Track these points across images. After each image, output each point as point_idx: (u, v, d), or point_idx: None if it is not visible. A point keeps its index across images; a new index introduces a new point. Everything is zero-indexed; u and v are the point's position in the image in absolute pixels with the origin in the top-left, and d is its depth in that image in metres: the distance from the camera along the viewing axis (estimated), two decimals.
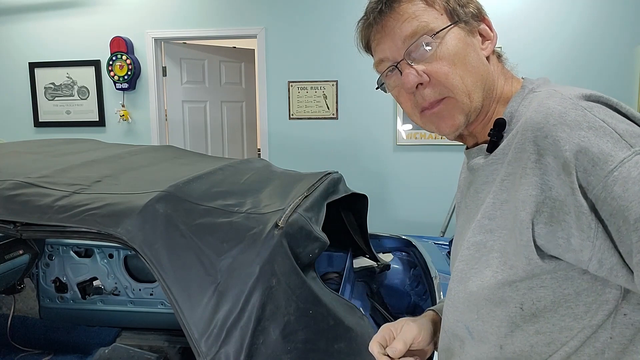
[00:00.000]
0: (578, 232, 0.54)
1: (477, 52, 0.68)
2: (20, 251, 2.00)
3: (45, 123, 4.15)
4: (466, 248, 0.66)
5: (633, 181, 0.50)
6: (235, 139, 4.51)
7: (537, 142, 0.57)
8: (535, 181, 0.56)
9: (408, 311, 1.79)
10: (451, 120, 0.69)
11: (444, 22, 0.67)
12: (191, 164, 1.64)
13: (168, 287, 0.97)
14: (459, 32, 0.67)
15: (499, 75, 0.71)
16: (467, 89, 0.67)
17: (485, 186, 0.67)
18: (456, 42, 0.67)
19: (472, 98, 0.67)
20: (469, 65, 0.67)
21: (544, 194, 0.56)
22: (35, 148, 1.77)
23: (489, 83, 0.69)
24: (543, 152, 0.56)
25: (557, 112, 0.56)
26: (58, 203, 1.10)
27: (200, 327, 0.94)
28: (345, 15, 3.60)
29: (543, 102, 0.59)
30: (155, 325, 2.13)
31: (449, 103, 0.68)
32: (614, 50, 3.33)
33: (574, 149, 0.53)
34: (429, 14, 0.67)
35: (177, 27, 3.86)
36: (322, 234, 1.20)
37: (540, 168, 0.56)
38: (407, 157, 3.69)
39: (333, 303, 1.11)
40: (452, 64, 0.66)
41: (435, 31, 0.66)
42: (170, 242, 1.02)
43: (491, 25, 0.71)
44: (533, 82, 0.69)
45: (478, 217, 0.65)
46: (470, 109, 0.68)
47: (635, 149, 0.52)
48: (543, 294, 0.59)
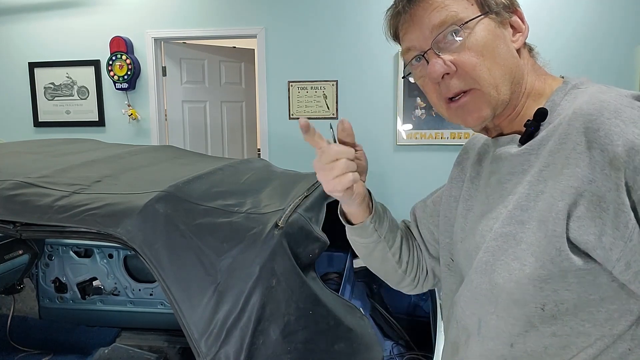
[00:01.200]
0: (612, 230, 0.53)
1: (507, 44, 0.67)
2: (19, 251, 1.99)
3: (45, 123, 4.15)
4: (493, 239, 0.64)
5: None
6: (235, 139, 4.51)
7: (587, 133, 0.56)
8: (578, 172, 0.56)
9: (408, 311, 1.79)
10: (477, 113, 0.67)
11: (474, 12, 0.66)
12: (191, 164, 1.64)
13: (168, 287, 0.97)
14: (489, 23, 0.66)
15: (529, 70, 0.70)
16: (495, 81, 0.65)
17: (512, 177, 0.65)
18: (485, 33, 0.65)
19: (499, 90, 0.66)
20: (498, 57, 0.65)
21: (584, 186, 0.55)
22: (35, 148, 1.76)
23: (518, 76, 0.68)
24: (591, 145, 0.55)
25: (613, 107, 0.55)
26: (58, 203, 1.10)
27: (200, 327, 0.94)
28: (345, 15, 3.60)
29: (597, 96, 0.58)
30: (155, 325, 2.13)
31: (475, 95, 0.66)
32: (614, 50, 3.33)
33: (627, 145, 0.52)
34: (459, 3, 0.66)
35: (177, 27, 3.85)
36: (322, 234, 1.20)
37: (585, 160, 0.55)
38: (407, 157, 3.69)
39: (333, 303, 1.11)
40: (480, 55, 0.65)
41: (465, 21, 0.64)
42: (170, 242, 1.02)
43: (523, 17, 0.69)
44: (575, 79, 0.67)
45: (510, 208, 0.63)
46: (497, 102, 0.66)
47: None
48: (567, 297, 0.58)
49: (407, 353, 1.54)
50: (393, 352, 1.55)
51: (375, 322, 1.63)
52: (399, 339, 1.61)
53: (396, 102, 3.62)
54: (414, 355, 1.51)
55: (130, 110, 3.93)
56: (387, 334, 1.63)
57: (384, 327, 1.63)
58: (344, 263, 1.65)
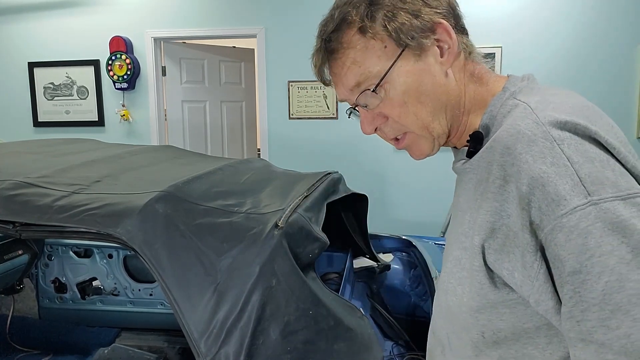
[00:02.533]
0: (522, 268, 0.53)
1: (433, 74, 0.63)
2: (19, 251, 1.99)
3: (44, 123, 4.15)
4: (449, 260, 0.65)
5: (578, 233, 0.48)
6: (235, 139, 4.51)
7: (504, 167, 0.54)
8: (495, 207, 0.55)
9: (408, 311, 1.79)
10: (418, 151, 0.70)
11: (389, 56, 0.62)
12: (191, 164, 1.64)
13: (168, 287, 0.97)
14: (407, 62, 0.62)
15: (467, 82, 0.66)
16: (424, 123, 0.65)
17: (465, 192, 0.66)
18: (404, 78, 0.62)
19: (431, 129, 0.66)
20: (423, 97, 0.63)
21: (501, 221, 0.54)
22: (34, 148, 1.76)
23: (452, 102, 0.65)
24: (508, 179, 0.54)
25: (526, 139, 0.53)
26: (57, 203, 1.10)
27: (199, 328, 0.94)
28: None
29: (516, 123, 0.55)
30: (155, 325, 2.13)
31: (411, 137, 0.68)
32: (614, 50, 3.33)
33: (532, 183, 0.50)
34: (370, 53, 0.62)
35: (177, 27, 3.85)
36: (322, 234, 1.20)
37: (502, 194, 0.54)
38: (407, 158, 3.67)
39: (333, 303, 1.10)
40: (403, 103, 0.64)
41: (379, 78, 0.62)
42: (170, 242, 1.02)
43: (449, 29, 0.62)
44: (516, 84, 0.64)
45: (460, 231, 0.63)
46: (434, 137, 0.67)
47: (592, 199, 0.48)
48: (502, 326, 0.58)
49: (407, 353, 1.54)
50: (393, 352, 1.55)
51: (375, 322, 1.63)
52: (399, 339, 1.61)
53: None
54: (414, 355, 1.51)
55: (122, 111, 3.93)
56: (387, 334, 1.63)
57: (384, 327, 1.63)
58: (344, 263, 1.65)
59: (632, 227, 0.47)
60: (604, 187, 0.48)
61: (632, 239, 0.47)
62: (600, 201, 0.48)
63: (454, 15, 0.64)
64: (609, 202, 0.47)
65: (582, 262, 0.48)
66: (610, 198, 0.48)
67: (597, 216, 0.47)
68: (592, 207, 0.48)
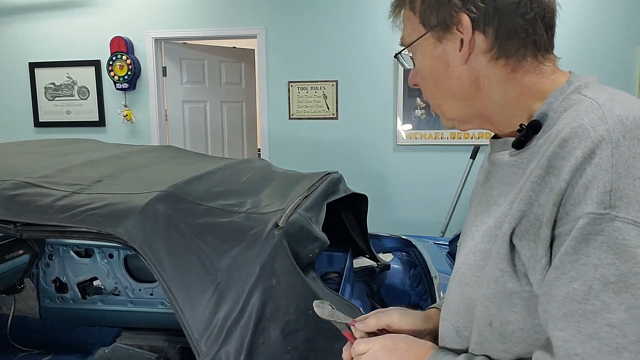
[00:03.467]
0: (533, 260, 0.54)
1: (447, 64, 0.65)
2: (20, 251, 2.00)
3: (45, 123, 4.15)
4: (472, 253, 0.64)
5: (576, 235, 0.48)
6: (235, 139, 4.51)
7: (552, 158, 0.53)
8: (530, 196, 0.55)
9: None
10: (443, 121, 0.72)
11: (418, 31, 0.67)
12: (191, 164, 1.64)
13: (168, 287, 0.97)
14: (428, 44, 0.66)
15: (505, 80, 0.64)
16: (436, 101, 0.70)
17: (500, 186, 0.64)
18: (422, 57, 0.68)
19: (443, 109, 0.70)
20: (436, 80, 0.67)
21: (531, 209, 0.54)
22: (35, 148, 1.77)
23: (466, 94, 0.65)
24: (551, 171, 0.53)
25: (585, 134, 0.51)
26: (58, 203, 1.10)
27: (200, 327, 0.94)
28: (345, 15, 3.60)
29: (580, 117, 0.54)
30: (155, 325, 2.13)
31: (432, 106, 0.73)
32: (614, 50, 3.34)
33: (571, 180, 0.50)
34: (409, 23, 0.68)
35: (177, 27, 3.86)
36: (322, 233, 1.20)
37: (540, 184, 0.54)
38: (407, 157, 3.69)
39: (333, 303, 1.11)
40: (422, 78, 0.69)
41: (407, 45, 0.69)
42: (171, 242, 1.02)
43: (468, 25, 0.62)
44: (581, 79, 0.61)
45: (490, 224, 0.62)
46: (448, 117, 0.70)
47: (611, 213, 0.47)
48: (513, 318, 0.58)
49: None
50: None
51: None
52: None
53: (396, 102, 3.62)
54: None
55: (125, 111, 3.93)
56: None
57: None
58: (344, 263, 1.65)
59: (632, 255, 0.46)
60: (629, 208, 0.47)
61: (625, 266, 0.46)
62: (617, 218, 0.47)
63: (498, 14, 0.61)
64: (625, 222, 0.46)
65: (564, 262, 0.49)
66: (628, 220, 0.46)
67: (603, 229, 0.47)
68: (605, 220, 0.47)
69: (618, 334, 0.46)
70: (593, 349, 0.47)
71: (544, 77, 0.63)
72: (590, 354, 0.47)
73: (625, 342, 0.46)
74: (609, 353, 0.46)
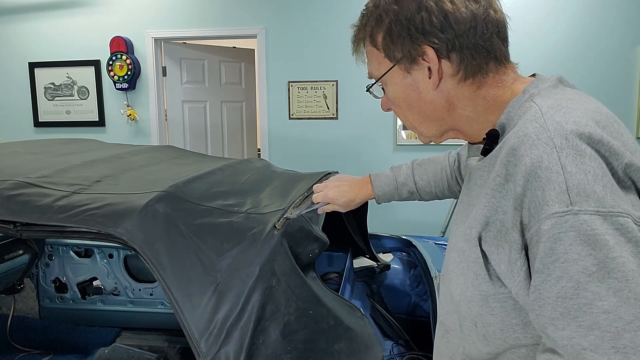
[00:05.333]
0: (508, 263, 0.57)
1: (419, 91, 0.69)
2: (20, 251, 1.99)
3: (45, 123, 4.15)
4: (454, 250, 0.68)
5: (549, 237, 0.51)
6: (235, 139, 4.51)
7: (507, 166, 0.57)
8: (492, 203, 0.59)
9: (408, 311, 1.79)
10: (420, 137, 0.77)
11: (385, 65, 0.71)
12: (191, 164, 1.64)
13: (168, 287, 0.97)
14: (397, 75, 0.70)
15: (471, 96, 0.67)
16: (412, 124, 0.74)
17: (475, 188, 0.69)
18: (394, 87, 0.72)
19: (419, 130, 0.74)
20: (410, 106, 0.71)
21: (496, 216, 0.58)
22: (35, 148, 1.77)
23: (440, 114, 0.70)
24: (509, 178, 0.57)
25: (530, 142, 0.55)
26: (58, 203, 1.10)
27: (200, 327, 0.94)
28: (345, 15, 3.60)
29: (525, 126, 0.58)
30: (155, 325, 2.13)
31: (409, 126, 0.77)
32: (614, 50, 3.33)
33: (526, 185, 0.53)
34: (374, 58, 0.73)
35: (177, 27, 3.86)
36: (322, 233, 1.20)
37: (501, 192, 0.58)
38: (407, 157, 3.67)
39: (333, 303, 1.11)
40: (396, 105, 0.74)
41: (377, 78, 0.73)
42: (170, 242, 1.02)
43: (433, 57, 0.65)
44: (537, 86, 0.65)
45: (466, 224, 0.66)
46: (425, 135, 0.75)
47: (573, 208, 0.50)
48: (492, 320, 0.61)
49: (407, 353, 1.54)
50: (393, 352, 1.55)
51: (375, 322, 1.63)
52: (399, 339, 1.61)
53: None
54: (414, 355, 1.51)
55: (129, 111, 3.93)
56: (387, 334, 1.63)
57: (384, 327, 1.64)
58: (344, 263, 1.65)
59: (603, 243, 0.49)
60: (588, 200, 0.50)
61: (600, 254, 0.49)
62: (580, 212, 0.49)
63: (460, 37, 0.64)
64: (588, 214, 0.49)
65: (546, 264, 0.52)
66: (590, 211, 0.49)
67: (572, 225, 0.50)
68: (570, 216, 0.50)
69: (614, 318, 0.48)
70: (597, 339, 0.49)
71: (505, 89, 0.67)
72: (596, 344, 0.49)
73: (622, 323, 0.48)
74: (611, 339, 0.48)
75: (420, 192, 1.08)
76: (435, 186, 1.07)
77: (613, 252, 0.48)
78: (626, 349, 0.48)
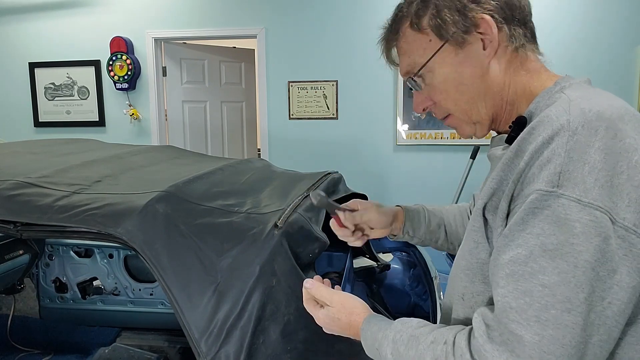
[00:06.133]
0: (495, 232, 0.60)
1: (473, 66, 0.69)
2: (20, 251, 1.99)
3: (45, 123, 4.15)
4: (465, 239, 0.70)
5: (525, 208, 0.54)
6: (235, 139, 4.51)
7: (521, 143, 0.59)
8: (500, 176, 0.61)
9: (408, 311, 1.79)
10: (461, 131, 0.75)
11: (432, 48, 0.69)
12: (191, 164, 1.64)
13: (168, 287, 0.97)
14: (448, 53, 0.69)
15: (514, 74, 0.70)
16: (462, 109, 0.72)
17: None
18: (443, 68, 0.70)
19: (470, 114, 0.72)
20: (461, 86, 0.70)
21: (500, 187, 0.60)
22: (35, 148, 1.77)
23: (493, 91, 0.70)
24: (519, 154, 0.59)
25: (548, 122, 0.57)
26: (58, 203, 1.10)
27: (200, 327, 0.94)
28: (345, 15, 3.60)
29: (550, 109, 0.60)
30: (155, 325, 2.13)
31: (453, 119, 0.74)
32: (614, 50, 3.33)
33: (529, 161, 0.56)
34: (417, 45, 0.71)
35: (177, 27, 3.86)
36: (322, 233, 1.20)
37: (509, 165, 0.60)
38: (407, 157, 3.69)
39: None
40: (443, 91, 0.71)
41: (421, 66, 0.71)
42: (170, 242, 1.02)
43: (492, 24, 0.67)
44: (568, 80, 0.66)
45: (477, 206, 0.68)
46: (473, 121, 0.72)
47: (557, 191, 0.52)
48: (482, 289, 0.63)
49: None
50: None
51: None
52: None
53: (396, 102, 3.62)
54: None
55: (131, 110, 3.93)
56: None
57: None
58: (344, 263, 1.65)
59: (570, 227, 0.51)
60: (574, 188, 0.52)
61: (563, 237, 0.52)
62: (562, 196, 0.52)
63: (508, 7, 0.68)
64: (569, 200, 0.52)
65: (512, 231, 0.55)
66: (572, 197, 0.52)
67: (550, 205, 0.52)
68: (551, 197, 0.52)
69: (549, 293, 0.51)
70: (525, 304, 0.53)
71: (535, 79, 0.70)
72: (523, 308, 0.53)
73: (553, 300, 0.51)
74: (538, 309, 0.52)
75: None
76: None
77: (575, 238, 0.51)
78: (547, 322, 0.51)
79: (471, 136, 0.75)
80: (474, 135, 0.75)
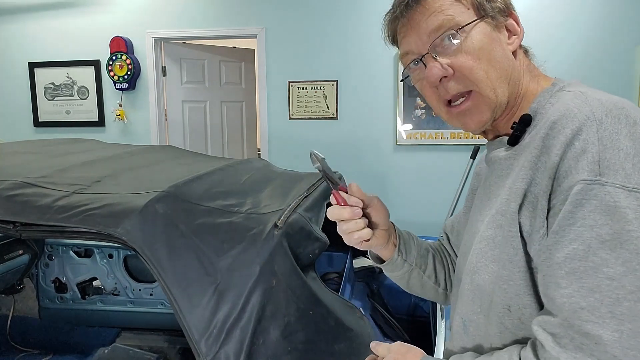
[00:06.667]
0: (536, 233, 0.58)
1: (503, 47, 0.68)
2: (19, 251, 1.99)
3: (45, 123, 4.15)
4: (478, 241, 0.66)
5: (571, 201, 0.53)
6: (235, 139, 4.51)
7: (545, 139, 0.58)
8: (529, 175, 0.59)
9: (408, 311, 1.79)
10: (478, 116, 0.69)
11: (470, 16, 0.67)
12: (191, 164, 1.64)
13: (168, 287, 0.97)
14: (484, 27, 0.67)
15: (524, 72, 0.71)
16: (492, 84, 0.67)
17: (499, 180, 0.67)
18: (481, 36, 0.67)
19: (497, 92, 0.67)
20: (494, 60, 0.67)
21: (531, 188, 0.59)
22: (35, 148, 1.76)
23: (515, 78, 0.69)
24: (544, 150, 0.58)
25: (572, 115, 0.56)
26: (58, 203, 1.10)
27: (200, 328, 0.94)
28: (345, 15, 3.60)
29: (566, 101, 0.60)
30: (155, 325, 2.13)
31: (476, 98, 0.68)
32: (614, 50, 3.33)
33: (562, 154, 0.55)
34: (455, 8, 0.67)
35: (177, 27, 3.85)
36: (322, 234, 1.20)
37: (537, 163, 0.58)
38: (407, 157, 3.69)
39: (333, 303, 1.11)
40: (477, 58, 0.66)
41: (461, 25, 0.66)
42: (170, 242, 1.02)
43: (518, 20, 0.71)
44: (564, 81, 0.69)
45: (493, 212, 0.65)
46: (496, 104, 0.68)
47: (600, 179, 0.52)
48: (529, 301, 0.60)
49: None
50: None
51: (375, 322, 1.63)
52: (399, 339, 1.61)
53: (396, 102, 3.62)
54: None
55: (118, 111, 3.93)
56: (387, 334, 1.63)
57: (384, 327, 1.64)
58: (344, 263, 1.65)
59: (622, 215, 0.50)
60: (616, 174, 0.51)
61: (617, 225, 0.50)
62: (607, 183, 0.51)
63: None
64: (614, 187, 0.51)
65: (562, 226, 0.53)
66: (617, 184, 0.51)
67: (596, 194, 0.51)
68: (596, 186, 0.52)
69: (617, 285, 0.50)
70: (596, 301, 0.50)
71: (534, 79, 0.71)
72: (594, 306, 0.50)
73: (624, 292, 0.49)
74: (610, 304, 0.50)
75: None
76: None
77: (630, 225, 0.50)
78: (622, 316, 0.49)
79: (479, 128, 0.70)
80: (480, 128, 0.71)
